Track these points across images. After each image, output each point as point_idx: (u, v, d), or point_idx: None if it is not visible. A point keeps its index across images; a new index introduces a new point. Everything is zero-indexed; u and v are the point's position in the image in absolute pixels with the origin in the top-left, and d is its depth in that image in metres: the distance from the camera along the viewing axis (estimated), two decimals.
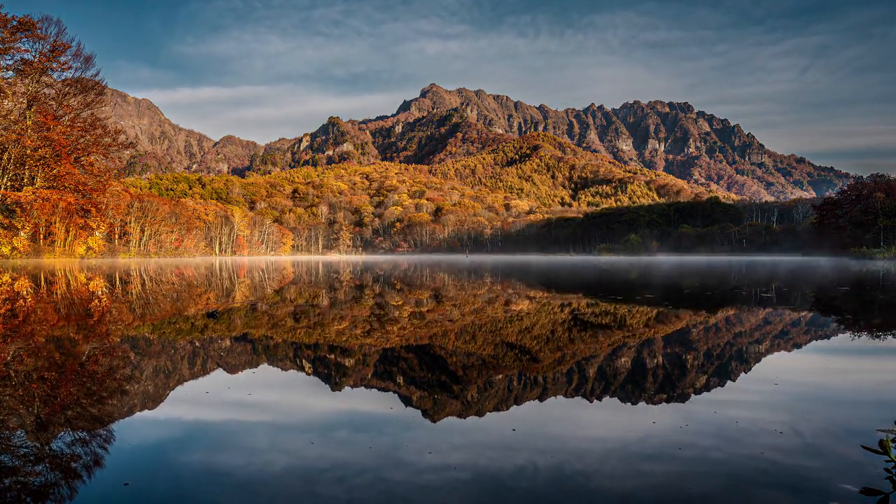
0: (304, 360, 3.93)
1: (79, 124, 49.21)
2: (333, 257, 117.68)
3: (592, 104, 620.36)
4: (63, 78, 49.30)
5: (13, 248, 41.91)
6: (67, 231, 47.08)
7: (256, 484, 1.80)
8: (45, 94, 48.57)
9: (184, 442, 2.22)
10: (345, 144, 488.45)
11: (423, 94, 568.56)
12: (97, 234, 51.43)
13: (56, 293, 9.66)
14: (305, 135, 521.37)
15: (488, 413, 2.64)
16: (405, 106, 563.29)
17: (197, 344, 4.53)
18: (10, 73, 46.25)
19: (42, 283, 12.89)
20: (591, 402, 2.84)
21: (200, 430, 2.38)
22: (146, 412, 2.61)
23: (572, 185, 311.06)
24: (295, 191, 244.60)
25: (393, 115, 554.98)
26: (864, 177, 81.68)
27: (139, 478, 1.85)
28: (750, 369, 3.61)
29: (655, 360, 3.89)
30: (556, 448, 2.12)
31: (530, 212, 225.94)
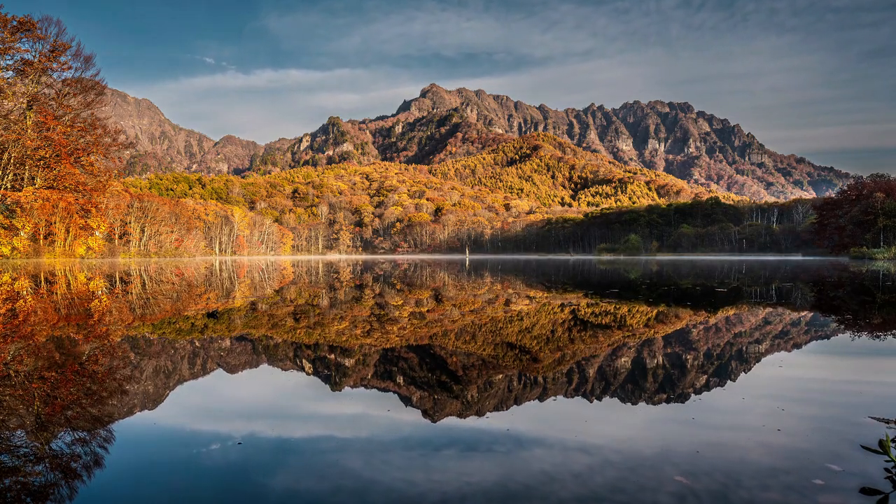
0: (303, 360, 3.93)
1: (79, 124, 49.22)
2: (333, 257, 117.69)
3: (592, 104, 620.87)
4: (63, 78, 49.35)
5: (13, 249, 41.90)
6: (67, 231, 47.07)
7: (251, 483, 1.80)
8: (45, 94, 48.58)
9: (181, 441, 2.22)
10: (345, 144, 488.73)
11: (423, 94, 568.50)
12: (97, 234, 51.41)
13: (56, 293, 9.66)
14: (305, 135, 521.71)
15: (488, 413, 2.64)
16: (405, 106, 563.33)
17: (197, 344, 4.53)
18: (10, 73, 46.29)
19: (42, 283, 12.89)
20: (591, 402, 2.84)
21: (197, 429, 2.38)
22: (146, 412, 2.61)
23: (572, 186, 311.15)
24: (295, 191, 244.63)
25: (393, 115, 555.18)
26: (864, 177, 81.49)
27: (135, 477, 1.85)
28: (746, 368, 3.61)
29: (655, 360, 3.89)
30: (554, 448, 2.12)
31: (530, 212, 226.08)
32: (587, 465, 1.95)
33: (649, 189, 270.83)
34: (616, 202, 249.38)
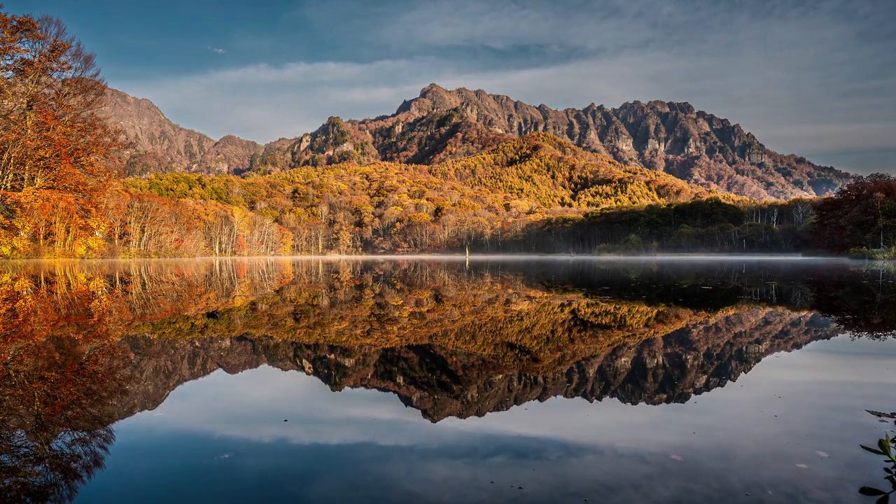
0: (303, 360, 3.93)
1: (79, 124, 49.22)
2: (333, 257, 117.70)
3: (592, 104, 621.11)
4: (63, 78, 49.36)
5: (13, 249, 41.89)
6: (67, 231, 47.06)
7: (250, 482, 1.80)
8: (45, 94, 48.58)
9: (181, 441, 2.22)
10: (345, 144, 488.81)
11: (423, 94, 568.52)
12: (97, 234, 51.39)
13: (56, 293, 9.66)
14: (305, 135, 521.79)
15: (488, 413, 2.64)
16: (405, 106, 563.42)
17: (197, 344, 4.53)
18: (10, 73, 46.29)
19: (42, 283, 12.88)
20: (591, 401, 2.84)
21: (196, 428, 2.38)
22: (146, 412, 2.61)
23: (572, 186, 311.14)
24: (295, 191, 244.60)
25: (393, 115, 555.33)
26: (864, 177, 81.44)
27: (134, 477, 1.85)
28: (746, 368, 3.61)
29: (655, 360, 3.89)
30: (555, 446, 2.12)
31: (530, 212, 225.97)
32: (588, 462, 1.95)
33: (649, 189, 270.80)
34: (616, 202, 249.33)
